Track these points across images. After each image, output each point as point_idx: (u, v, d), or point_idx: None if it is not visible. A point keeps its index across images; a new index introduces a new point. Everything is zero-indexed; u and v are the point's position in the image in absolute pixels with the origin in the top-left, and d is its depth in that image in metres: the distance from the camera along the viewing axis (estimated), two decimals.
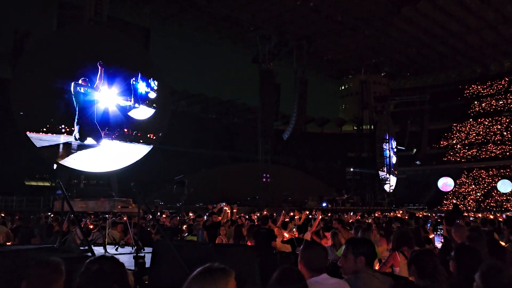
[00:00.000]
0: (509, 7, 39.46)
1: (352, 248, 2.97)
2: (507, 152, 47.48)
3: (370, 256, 2.92)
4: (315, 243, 3.05)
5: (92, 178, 22.78)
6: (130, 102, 21.79)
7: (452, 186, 35.13)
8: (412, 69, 57.08)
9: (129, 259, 5.24)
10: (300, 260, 2.71)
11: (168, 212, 18.18)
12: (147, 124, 22.73)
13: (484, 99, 56.29)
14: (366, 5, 36.48)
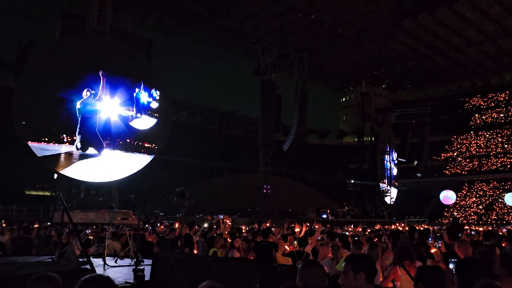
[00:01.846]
0: (509, 20, 39.69)
1: (352, 265, 2.94)
2: (508, 165, 47.39)
3: (370, 272, 2.89)
4: (314, 262, 3.02)
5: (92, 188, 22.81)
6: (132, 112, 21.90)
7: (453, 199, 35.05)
8: (413, 81, 57.26)
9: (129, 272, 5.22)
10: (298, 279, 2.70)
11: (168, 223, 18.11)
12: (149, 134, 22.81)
13: (484, 112, 56.35)
14: (367, 17, 36.75)
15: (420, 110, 43.92)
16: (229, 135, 45.41)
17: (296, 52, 36.19)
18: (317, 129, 55.11)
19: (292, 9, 34.29)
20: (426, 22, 39.60)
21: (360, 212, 38.26)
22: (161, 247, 4.88)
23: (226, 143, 42.36)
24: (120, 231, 8.90)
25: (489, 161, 49.57)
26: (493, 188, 46.56)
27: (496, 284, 2.59)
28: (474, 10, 37.88)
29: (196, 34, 40.05)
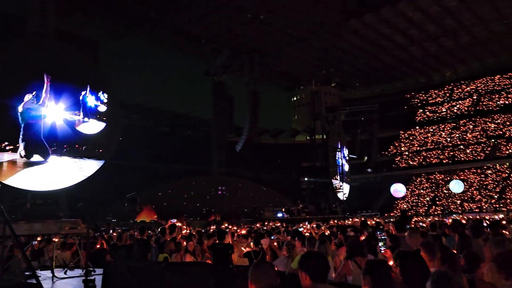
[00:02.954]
0: (448, 20, 41.74)
1: (300, 263, 2.95)
2: (451, 157, 49.82)
3: (316, 270, 2.87)
4: (264, 262, 3.01)
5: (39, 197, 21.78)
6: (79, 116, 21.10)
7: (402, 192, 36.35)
8: (361, 79, 58.99)
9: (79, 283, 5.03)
10: (250, 280, 2.67)
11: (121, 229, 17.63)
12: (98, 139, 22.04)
13: (428, 107, 59.00)
14: (315, 18, 37.43)
15: (368, 108, 45.28)
16: (182, 137, 44.83)
17: (247, 53, 36.37)
18: (270, 129, 55.55)
19: (241, 10, 34.37)
20: (372, 22, 40.92)
21: (314, 209, 38.93)
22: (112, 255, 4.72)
23: (180, 145, 41.78)
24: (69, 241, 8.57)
25: (434, 154, 51.88)
26: (439, 180, 48.78)
27: (451, 274, 2.68)
28: (415, 10, 39.55)
29: (146, 36, 39.32)
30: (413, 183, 50.39)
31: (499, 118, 51.14)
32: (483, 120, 52.42)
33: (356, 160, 46.30)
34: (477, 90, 56.46)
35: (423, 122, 57.82)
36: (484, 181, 45.50)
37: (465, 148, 49.96)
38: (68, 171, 20.19)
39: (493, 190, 43.51)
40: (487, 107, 53.80)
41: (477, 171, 47.39)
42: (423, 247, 4.06)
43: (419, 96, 60.88)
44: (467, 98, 56.59)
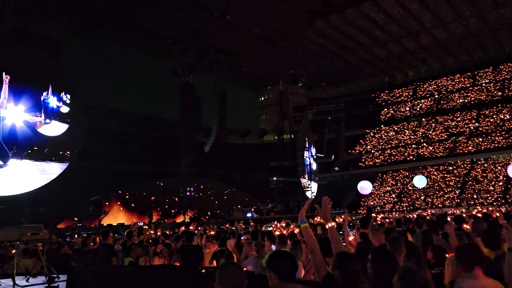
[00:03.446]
0: (410, 21, 42.90)
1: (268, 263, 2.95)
2: (415, 155, 51.22)
3: (284, 270, 2.85)
4: (230, 263, 2.98)
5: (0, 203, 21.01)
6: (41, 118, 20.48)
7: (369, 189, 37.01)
8: (327, 79, 59.83)
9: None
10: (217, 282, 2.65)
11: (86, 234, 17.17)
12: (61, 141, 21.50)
13: (392, 107, 60.49)
14: (281, 18, 37.69)
15: (335, 107, 45.98)
16: (150, 139, 44.16)
17: (214, 53, 36.21)
18: (238, 129, 55.54)
19: (207, 11, 34.21)
20: (336, 23, 41.57)
21: (283, 208, 39.17)
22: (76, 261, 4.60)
23: (147, 147, 41.15)
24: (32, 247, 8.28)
25: (399, 152, 53.20)
26: (404, 177, 50.05)
27: (416, 268, 2.74)
28: (379, 12, 40.44)
29: (111, 36, 38.55)
30: (379, 180, 51.51)
31: (459, 116, 52.99)
32: (444, 118, 54.19)
33: (324, 159, 46.90)
34: (438, 90, 58.34)
35: (387, 121, 59.22)
36: (446, 177, 47.04)
37: (428, 146, 51.47)
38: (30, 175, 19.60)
39: (455, 186, 45.02)
40: (448, 106, 55.65)
41: (440, 168, 48.95)
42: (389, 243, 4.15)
43: (383, 96, 62.34)
44: (429, 97, 58.38)
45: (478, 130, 49.64)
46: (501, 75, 54.41)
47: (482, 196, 41.00)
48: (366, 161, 54.30)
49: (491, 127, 48.96)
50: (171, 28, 35.64)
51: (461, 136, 50.15)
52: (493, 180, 43.15)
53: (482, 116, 51.29)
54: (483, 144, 47.13)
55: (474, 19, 43.28)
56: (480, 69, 56.18)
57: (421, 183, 36.14)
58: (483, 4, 40.55)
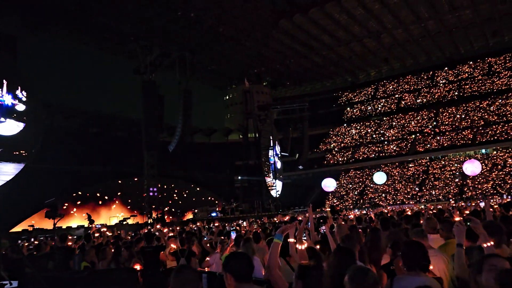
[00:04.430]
0: (371, 22, 43.85)
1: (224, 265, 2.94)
2: (377, 153, 52.44)
3: (240, 271, 2.84)
4: (185, 267, 2.94)
5: None
6: None
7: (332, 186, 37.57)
8: (291, 78, 60.35)
9: None
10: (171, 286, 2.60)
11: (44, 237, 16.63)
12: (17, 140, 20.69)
13: (355, 105, 61.72)
14: (246, 17, 37.73)
15: (299, 106, 46.32)
16: (111, 138, 43.16)
17: (178, 51, 35.69)
18: (203, 128, 55.21)
19: (171, 8, 33.78)
20: (301, 22, 42.00)
21: (248, 207, 39.19)
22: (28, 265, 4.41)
23: (108, 146, 40.19)
24: None
25: (361, 150, 54.34)
26: (366, 175, 51.15)
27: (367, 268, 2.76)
28: (342, 12, 41.14)
29: (70, 32, 37.42)
30: (343, 178, 52.42)
31: (418, 115, 54.67)
32: (404, 117, 55.77)
33: (288, 158, 47.25)
34: (399, 89, 59.97)
35: (350, 120, 60.37)
36: (406, 175, 48.42)
37: (388, 144, 52.80)
38: None
39: (414, 183, 46.39)
40: (408, 105, 57.30)
41: (400, 165, 50.33)
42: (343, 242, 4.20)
43: (346, 95, 63.48)
44: (390, 97, 59.91)
45: (436, 129, 51.36)
46: (457, 76, 56.54)
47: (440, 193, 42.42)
48: (330, 159, 55.15)
49: (448, 126, 50.77)
50: (134, 25, 34.99)
51: (420, 134, 51.75)
52: (450, 177, 44.74)
53: (440, 115, 53.11)
54: (440, 142, 48.81)
55: (432, 20, 44.72)
56: (438, 69, 58.16)
57: (380, 180, 37.01)
58: (441, 7, 41.96)
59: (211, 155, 50.26)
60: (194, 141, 51.33)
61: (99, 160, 36.36)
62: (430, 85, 57.92)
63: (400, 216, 11.87)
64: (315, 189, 47.73)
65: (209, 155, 50.08)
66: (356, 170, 53.01)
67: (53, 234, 9.00)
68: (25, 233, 21.90)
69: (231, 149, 51.63)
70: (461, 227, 3.50)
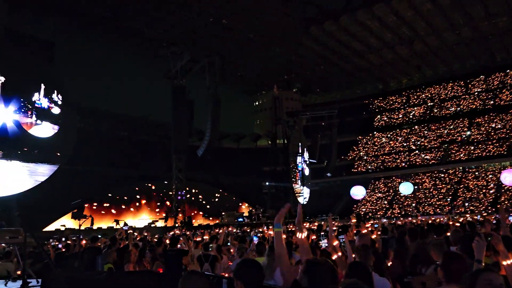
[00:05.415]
0: (404, 29, 43.18)
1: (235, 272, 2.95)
2: (407, 162, 51.42)
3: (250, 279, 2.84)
4: (193, 273, 2.95)
5: None
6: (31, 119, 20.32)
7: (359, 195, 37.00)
8: (321, 85, 60.02)
9: None
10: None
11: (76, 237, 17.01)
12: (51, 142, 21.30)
13: (385, 113, 60.74)
14: (277, 24, 37.84)
15: (328, 113, 45.96)
16: (140, 142, 43.96)
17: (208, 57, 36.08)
18: (232, 133, 55.51)
19: (202, 14, 34.24)
20: (331, 29, 41.76)
21: (275, 213, 39.02)
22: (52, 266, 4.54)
23: (137, 150, 40.98)
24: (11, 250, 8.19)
25: (391, 158, 53.38)
26: (396, 184, 50.17)
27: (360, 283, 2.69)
28: (373, 19, 40.68)
29: (103, 38, 38.47)
30: (372, 187, 51.61)
31: (452, 124, 53.30)
32: (436, 126, 54.47)
33: (316, 165, 46.89)
34: (431, 97, 58.65)
35: (380, 128, 59.44)
36: (438, 185, 47.22)
37: (420, 153, 51.68)
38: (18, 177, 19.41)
39: (446, 194, 45.19)
40: (440, 114, 55.96)
41: (431, 175, 49.14)
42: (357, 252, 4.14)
43: (377, 102, 62.58)
44: (422, 105, 58.67)
45: (469, 138, 49.95)
46: (492, 84, 54.85)
47: (473, 204, 41.18)
48: (359, 167, 54.42)
49: (482, 135, 49.28)
50: (166, 31, 35.65)
51: (453, 144, 50.43)
52: (484, 188, 43.37)
53: (474, 124, 51.63)
54: (474, 152, 47.41)
55: (466, 27, 43.65)
56: (472, 78, 56.58)
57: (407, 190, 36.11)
58: (476, 13, 40.92)
59: (239, 160, 50.46)
60: (223, 146, 51.63)
61: (128, 163, 37.08)
62: (464, 93, 56.40)
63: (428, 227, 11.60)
64: (343, 197, 47.19)
65: (237, 160, 50.29)
66: (386, 179, 52.10)
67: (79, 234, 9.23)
68: (57, 233, 22.57)
69: (259, 154, 51.68)
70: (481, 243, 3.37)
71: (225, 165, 46.36)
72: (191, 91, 33.65)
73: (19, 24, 27.82)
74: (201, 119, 35.97)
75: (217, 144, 39.98)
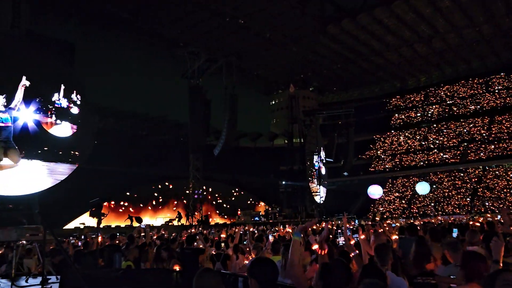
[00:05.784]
0: (422, 26, 42.57)
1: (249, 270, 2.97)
2: (426, 161, 50.75)
3: (264, 277, 2.85)
4: (207, 270, 2.99)
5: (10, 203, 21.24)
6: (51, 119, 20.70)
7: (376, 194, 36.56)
8: (338, 84, 59.59)
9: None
10: None
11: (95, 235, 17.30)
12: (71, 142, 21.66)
13: (403, 112, 60.02)
14: (293, 23, 37.66)
15: (345, 112, 45.72)
16: (159, 141, 44.43)
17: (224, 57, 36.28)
18: (248, 133, 55.62)
19: (219, 14, 34.32)
20: (349, 27, 41.39)
21: (291, 212, 39.05)
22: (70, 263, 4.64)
23: (156, 149, 41.44)
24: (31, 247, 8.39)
25: (409, 157, 52.76)
26: (414, 183, 49.56)
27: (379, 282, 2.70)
28: (391, 17, 40.18)
29: (121, 38, 38.92)
30: (388, 186, 51.11)
31: (471, 122, 52.40)
32: (455, 125, 53.61)
33: (333, 164, 46.67)
34: (450, 95, 57.73)
35: (398, 126, 58.79)
36: (457, 184, 46.50)
37: (438, 152, 50.96)
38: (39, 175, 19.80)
39: (466, 193, 44.48)
40: (460, 112, 55.06)
41: (450, 174, 48.41)
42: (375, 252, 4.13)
43: (394, 101, 61.88)
44: (440, 103, 57.81)
45: (490, 137, 49.03)
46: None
47: (494, 204, 40.45)
48: (376, 166, 53.95)
49: (503, 134, 48.34)
50: (183, 31, 35.83)
51: (473, 142, 49.58)
52: (505, 188, 42.55)
53: (494, 122, 50.67)
54: (495, 151, 46.54)
55: (487, 24, 42.81)
56: (492, 75, 55.49)
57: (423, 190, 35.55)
58: (497, 10, 40.11)
59: (256, 159, 50.54)
60: (239, 145, 51.77)
61: (146, 162, 37.49)
62: (484, 91, 55.37)
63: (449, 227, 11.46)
64: (360, 196, 46.85)
65: (254, 159, 50.38)
66: (404, 178, 51.53)
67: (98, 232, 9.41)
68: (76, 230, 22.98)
69: (276, 154, 51.71)
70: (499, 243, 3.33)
71: (242, 164, 46.49)
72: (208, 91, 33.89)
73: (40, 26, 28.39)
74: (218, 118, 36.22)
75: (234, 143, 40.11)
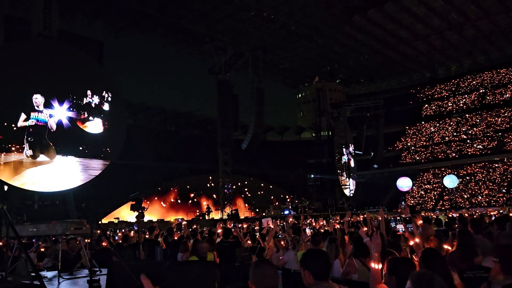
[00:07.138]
0: (453, 14, 41.42)
1: (302, 262, 2.98)
2: (458, 152, 49.56)
3: (318, 268, 2.87)
4: (263, 261, 2.99)
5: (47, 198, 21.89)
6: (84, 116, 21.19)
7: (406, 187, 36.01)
8: (365, 75, 58.71)
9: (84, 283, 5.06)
10: (250, 280, 2.66)
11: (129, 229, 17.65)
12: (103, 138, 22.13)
13: (434, 102, 58.67)
14: (318, 14, 37.29)
15: (374, 103, 45.06)
16: (187, 136, 44.92)
17: (250, 51, 36.27)
18: (275, 126, 55.53)
19: (244, 8, 34.29)
20: (375, 17, 40.67)
21: (321, 205, 38.87)
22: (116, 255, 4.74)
23: (185, 144, 41.92)
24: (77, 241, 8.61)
25: (441, 149, 51.63)
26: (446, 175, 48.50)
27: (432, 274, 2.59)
28: (419, 5, 39.26)
29: (148, 35, 39.36)
30: (420, 178, 50.18)
31: (506, 112, 50.77)
32: (489, 114, 52.05)
33: (362, 156, 46.13)
34: (483, 84, 56.04)
35: (429, 117, 57.54)
36: (492, 176, 45.23)
37: (471, 143, 49.66)
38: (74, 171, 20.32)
39: (501, 184, 43.23)
40: (493, 101, 53.41)
41: (485, 165, 47.11)
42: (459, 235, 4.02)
43: (424, 91, 60.54)
44: (473, 92, 56.20)
45: None
46: None
47: None
48: (406, 158, 53.04)
49: None
50: (209, 26, 35.98)
51: (508, 132, 48.05)
52: None
53: None
54: None
55: None
56: None
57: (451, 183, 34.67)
58: None
59: (284, 153, 50.46)
60: (267, 139, 51.76)
61: (176, 157, 37.95)
62: None
63: None
64: (391, 189, 46.23)
65: (281, 153, 50.32)
66: (436, 170, 50.47)
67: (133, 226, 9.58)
68: (111, 225, 23.49)
69: (303, 147, 51.48)
70: None
71: (270, 158, 46.51)
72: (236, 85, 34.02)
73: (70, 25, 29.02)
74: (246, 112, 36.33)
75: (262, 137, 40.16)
